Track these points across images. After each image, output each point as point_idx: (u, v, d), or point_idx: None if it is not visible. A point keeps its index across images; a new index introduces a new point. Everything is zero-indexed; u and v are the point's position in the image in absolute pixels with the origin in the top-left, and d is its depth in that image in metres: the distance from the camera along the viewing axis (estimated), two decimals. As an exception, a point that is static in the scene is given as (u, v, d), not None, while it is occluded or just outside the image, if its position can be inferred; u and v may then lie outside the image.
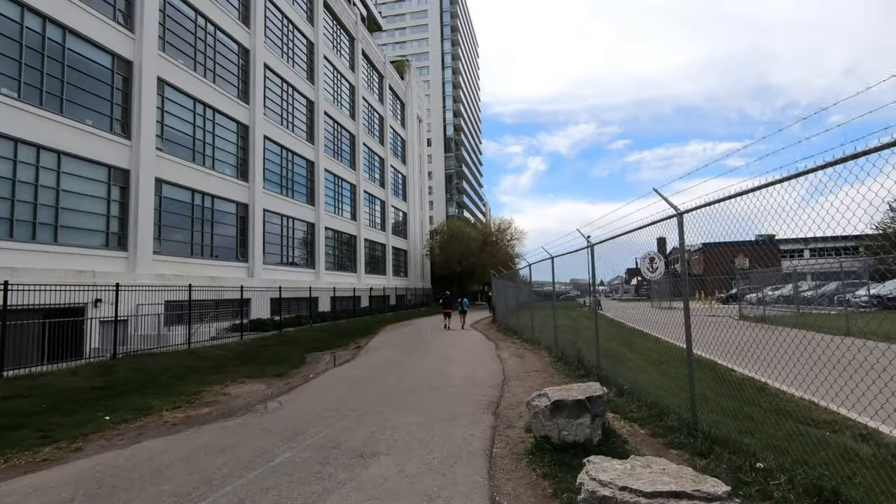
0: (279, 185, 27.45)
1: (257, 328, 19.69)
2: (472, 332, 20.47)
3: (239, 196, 23.50)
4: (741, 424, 5.30)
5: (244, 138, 24.28)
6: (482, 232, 56.62)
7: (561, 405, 4.71)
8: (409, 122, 52.64)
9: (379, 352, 14.25)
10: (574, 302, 26.68)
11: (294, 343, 15.94)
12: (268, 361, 12.09)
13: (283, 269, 27.16)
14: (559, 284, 21.84)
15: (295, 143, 29.00)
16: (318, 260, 30.87)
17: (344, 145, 36.63)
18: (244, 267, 23.68)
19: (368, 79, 42.64)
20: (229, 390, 8.70)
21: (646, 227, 5.87)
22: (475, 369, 10.50)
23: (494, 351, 13.76)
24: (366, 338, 18.50)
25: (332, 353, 14.45)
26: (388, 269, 44.14)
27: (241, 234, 23.85)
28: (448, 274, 53.62)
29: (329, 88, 34.28)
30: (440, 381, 9.13)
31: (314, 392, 8.45)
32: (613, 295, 56.18)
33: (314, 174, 31.24)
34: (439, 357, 12.72)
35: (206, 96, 21.36)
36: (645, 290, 56.38)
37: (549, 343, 12.99)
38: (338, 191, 35.16)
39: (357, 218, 37.79)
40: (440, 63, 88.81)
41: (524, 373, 9.84)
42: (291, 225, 28.65)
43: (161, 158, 18.54)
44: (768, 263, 27.43)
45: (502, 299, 24.79)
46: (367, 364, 11.88)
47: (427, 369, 10.66)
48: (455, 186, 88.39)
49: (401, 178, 50.04)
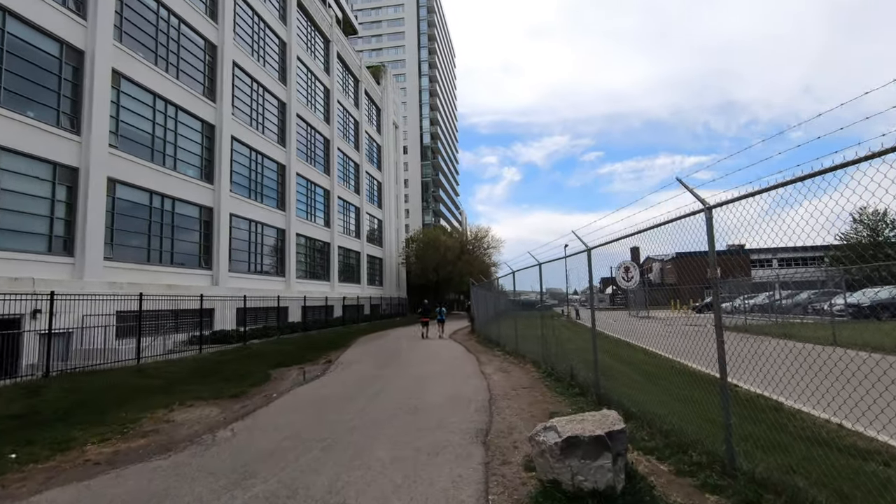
0: (248, 188, 26.08)
1: (220, 340, 18.28)
2: (450, 344, 19.47)
3: (203, 199, 22.08)
4: (781, 459, 4.47)
5: (210, 138, 22.92)
6: (459, 240, 55.82)
7: (575, 443, 3.77)
8: (386, 128, 51.66)
9: (352, 367, 13.12)
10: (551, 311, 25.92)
11: (258, 357, 14.67)
12: (226, 379, 10.85)
13: (251, 277, 25.72)
14: (537, 293, 21.12)
15: (265, 145, 27.70)
16: (289, 268, 29.47)
17: (318, 149, 35.40)
18: (208, 275, 22.22)
19: (344, 82, 41.58)
20: (175, 416, 7.50)
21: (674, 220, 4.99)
22: (457, 386, 9.52)
23: (476, 365, 12.79)
24: (338, 350, 17.31)
25: (300, 368, 13.26)
26: (363, 278, 42.84)
27: (206, 240, 22.40)
28: (424, 283, 52.55)
29: (302, 90, 33.10)
30: (419, 401, 8.11)
31: (274, 417, 7.33)
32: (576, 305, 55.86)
33: (286, 178, 29.93)
34: (417, 372, 11.69)
35: (168, 92, 20.00)
36: (620, 299, 56.48)
37: (535, 356, 12.10)
38: (311, 196, 33.86)
39: (331, 225, 36.50)
40: (417, 71, 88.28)
41: (512, 390, 8.90)
42: (261, 231, 27.25)
43: (115, 157, 17.10)
44: (740, 273, 27.34)
45: (482, 309, 23.90)
46: (338, 381, 10.76)
47: (404, 387, 9.62)
48: (431, 194, 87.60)
49: (376, 184, 48.92)
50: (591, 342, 8.09)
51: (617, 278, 8.66)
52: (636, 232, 5.84)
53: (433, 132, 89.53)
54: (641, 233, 5.76)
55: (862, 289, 20.13)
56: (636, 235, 6.54)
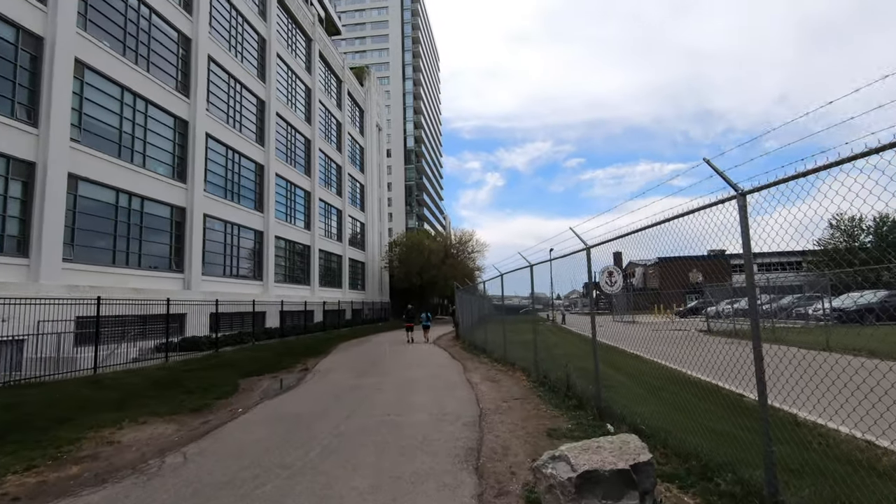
0: (223, 188, 25.02)
1: (190, 347, 17.23)
2: (435, 350, 18.69)
3: (175, 199, 21.00)
4: (823, 487, 3.83)
5: (183, 135, 21.86)
6: (443, 244, 55.05)
7: (593, 479, 3.06)
8: (369, 130, 50.82)
9: (329, 376, 12.27)
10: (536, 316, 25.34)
11: (229, 365, 13.71)
12: (189, 391, 9.92)
13: (226, 280, 24.63)
14: (518, 298, 20.46)
15: (243, 144, 26.67)
16: (268, 271, 28.41)
17: (298, 150, 34.42)
18: (180, 278, 21.12)
19: (326, 82, 40.68)
20: (122, 436, 6.60)
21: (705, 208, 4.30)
22: (443, 398, 8.76)
23: (463, 373, 12.04)
24: (316, 358, 16.40)
25: (273, 377, 12.36)
26: (345, 282, 41.84)
27: (177, 242, 21.30)
28: (408, 287, 51.63)
29: (282, 89, 32.13)
30: (401, 416, 7.34)
31: (237, 437, 6.48)
32: (573, 309, 55.83)
33: (264, 179, 28.90)
34: (400, 382, 10.89)
35: (138, 85, 18.95)
36: (604, 303, 56.49)
37: (526, 364, 11.41)
38: (290, 198, 32.85)
39: (311, 227, 35.48)
40: (401, 73, 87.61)
41: (503, 402, 8.17)
42: (237, 233, 26.18)
43: (77, 152, 16.02)
44: (721, 277, 27.22)
45: (467, 313, 23.18)
46: (313, 393, 9.91)
47: (385, 400, 8.82)
48: (415, 198, 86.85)
49: (359, 187, 48.00)
50: (585, 349, 7.47)
51: (601, 283, 8.04)
52: (656, 223, 5.15)
53: (417, 135, 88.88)
54: (661, 224, 5.08)
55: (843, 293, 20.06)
56: (634, 234, 5.92)
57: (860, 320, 19.10)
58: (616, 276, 8.17)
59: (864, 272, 16.15)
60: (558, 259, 9.29)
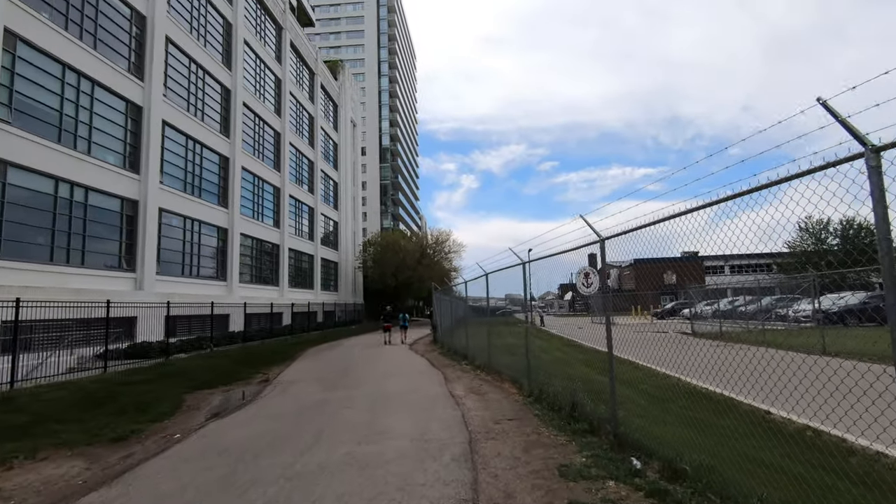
0: (183, 181, 23.14)
1: (138, 355, 15.46)
2: (411, 356, 17.33)
3: (126, 191, 19.12)
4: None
5: (136, 121, 19.97)
6: (419, 244, 53.66)
7: None
8: (343, 126, 49.09)
9: (292, 388, 10.79)
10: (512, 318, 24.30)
11: (178, 376, 12.09)
12: (121, 410, 8.34)
13: (185, 280, 22.76)
14: (495, 299, 19.18)
15: (205, 134, 24.81)
16: (232, 271, 26.56)
17: (267, 143, 32.58)
18: (131, 278, 19.23)
19: (298, 74, 38.88)
20: (6, 480, 5.06)
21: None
22: (424, 418, 7.43)
23: (444, 384, 10.73)
24: (280, 365, 14.85)
25: (226, 390, 10.82)
26: (317, 283, 40.04)
27: (129, 238, 19.41)
28: (382, 288, 50.05)
29: (250, 78, 30.28)
30: (373, 445, 5.99)
31: (157, 482, 5.01)
32: (548, 310, 55.30)
33: (229, 172, 27.04)
34: (373, 396, 9.51)
35: (83, 64, 17.06)
36: (580, 305, 56.04)
37: (515, 374, 10.17)
38: (258, 193, 30.99)
39: (281, 225, 33.66)
40: (376, 70, 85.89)
41: (495, 424, 6.89)
42: (198, 229, 24.30)
43: (5, 133, 14.13)
44: (695, 279, 26.68)
45: (446, 316, 21.88)
46: (270, 411, 8.45)
47: (355, 420, 7.45)
48: (391, 198, 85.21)
49: (332, 184, 46.23)
50: (576, 356, 6.31)
51: (577, 284, 7.92)
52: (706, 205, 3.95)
53: (393, 133, 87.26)
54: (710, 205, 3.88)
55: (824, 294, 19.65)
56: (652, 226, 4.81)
57: (843, 322, 18.60)
58: (592, 277, 7.98)
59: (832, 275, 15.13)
60: (556, 255, 8.09)
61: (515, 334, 19.18)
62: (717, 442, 5.53)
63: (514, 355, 13.59)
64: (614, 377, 5.76)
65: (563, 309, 62.69)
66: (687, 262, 24.72)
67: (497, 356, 11.93)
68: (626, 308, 34.42)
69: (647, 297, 33.36)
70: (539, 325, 36.04)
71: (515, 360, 11.83)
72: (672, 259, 6.83)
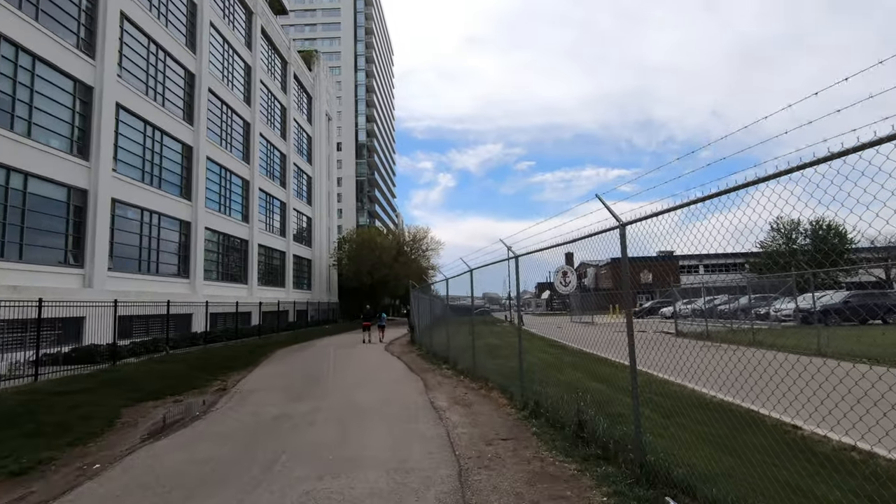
0: (141, 170, 21.41)
1: (81, 360, 13.88)
2: (388, 359, 16.14)
3: (74, 179, 17.41)
4: None
5: (86, 103, 18.23)
6: (395, 241, 52.33)
7: None
8: (317, 119, 47.40)
9: (251, 398, 9.50)
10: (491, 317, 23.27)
11: (122, 384, 10.65)
12: (38, 430, 6.95)
13: (142, 278, 21.06)
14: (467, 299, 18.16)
15: (166, 120, 23.08)
16: (195, 268, 24.87)
17: (236, 133, 30.85)
18: (78, 274, 17.53)
19: (269, 62, 37.14)
20: None
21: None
22: (402, 438, 6.29)
23: (424, 392, 9.59)
24: (242, 371, 13.48)
25: (175, 401, 9.47)
26: (289, 281, 38.39)
27: (76, 231, 17.70)
28: (357, 286, 48.58)
29: (217, 63, 28.54)
30: (342, 479, 4.81)
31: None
32: (526, 309, 54.71)
33: (193, 162, 25.32)
34: (343, 408, 8.32)
35: (19, 35, 15.32)
36: (557, 303, 55.73)
37: (504, 381, 9.09)
38: (226, 186, 29.27)
39: (250, 220, 31.96)
40: (353, 64, 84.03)
41: (486, 445, 5.79)
42: (157, 222, 22.58)
43: (-76, 108, 12.41)
44: (670, 278, 26.36)
45: (424, 315, 20.72)
46: (221, 428, 7.19)
47: (320, 441, 6.26)
48: (367, 194, 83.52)
49: (306, 178, 44.54)
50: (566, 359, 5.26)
51: (555, 283, 7.77)
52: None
53: (369, 129, 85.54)
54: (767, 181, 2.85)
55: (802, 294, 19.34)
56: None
57: (824, 321, 18.14)
58: (570, 275, 7.83)
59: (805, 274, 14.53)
60: (553, 248, 7.03)
61: (498, 334, 18.12)
62: (759, 472, 4.62)
63: (499, 358, 12.55)
64: (637, 393, 4.70)
65: (540, 308, 62.26)
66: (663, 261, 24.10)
67: (483, 360, 10.85)
68: (603, 307, 33.94)
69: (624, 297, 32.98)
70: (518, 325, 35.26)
71: (504, 366, 10.78)
72: (649, 258, 6.92)
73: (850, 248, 44.01)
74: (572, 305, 30.21)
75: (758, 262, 31.18)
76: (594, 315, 26.61)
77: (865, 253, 41.34)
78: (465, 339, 12.79)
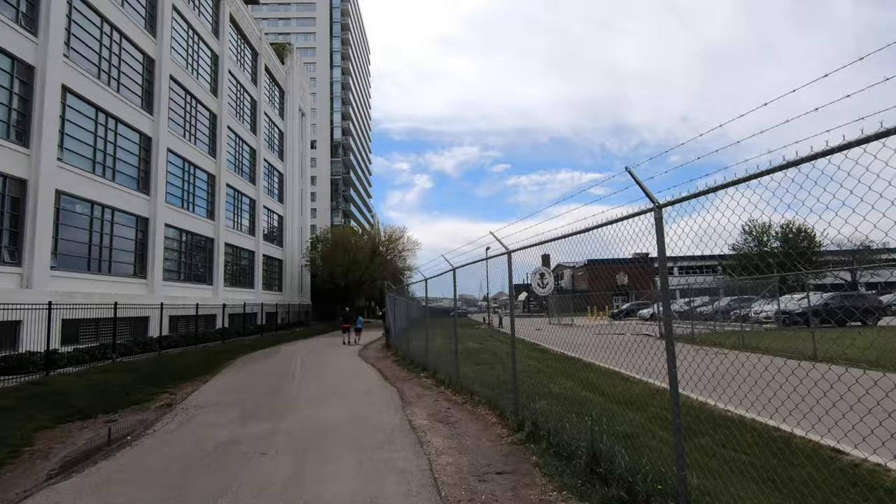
0: (91, 160, 19.64)
1: (11, 369, 12.23)
2: (361, 366, 14.86)
3: (10, 167, 15.65)
4: None
5: (26, 84, 16.49)
6: (371, 241, 50.85)
7: None
8: (290, 114, 45.66)
9: (199, 417, 8.15)
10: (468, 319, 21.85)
11: (49, 400, 9.15)
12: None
13: (92, 277, 19.29)
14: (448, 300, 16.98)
15: (121, 107, 21.30)
16: (153, 267, 23.10)
17: (201, 124, 29.06)
18: (15, 273, 15.77)
19: (239, 52, 35.37)
20: None
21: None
22: (375, 474, 5.09)
23: (401, 408, 8.40)
24: (196, 381, 12.04)
25: (107, 421, 8.05)
26: (258, 282, 36.60)
27: (12, 225, 15.95)
28: (332, 288, 46.97)
29: (180, 49, 26.77)
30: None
31: None
32: (502, 311, 53.91)
33: (152, 154, 23.55)
34: (304, 431, 7.07)
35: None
36: (534, 305, 55.05)
37: (493, 394, 7.96)
38: (189, 180, 27.49)
39: (216, 217, 30.18)
40: (328, 61, 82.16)
41: (479, 482, 4.66)
42: (111, 217, 20.79)
43: None
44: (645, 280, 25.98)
45: (401, 318, 19.48)
46: (150, 461, 5.86)
47: (273, 478, 5.03)
48: (342, 194, 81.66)
49: (277, 175, 42.76)
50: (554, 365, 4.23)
51: (532, 285, 7.58)
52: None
53: (345, 127, 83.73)
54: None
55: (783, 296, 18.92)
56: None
57: (805, 322, 17.63)
58: (547, 277, 7.64)
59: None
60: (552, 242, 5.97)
61: (478, 337, 16.96)
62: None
63: (483, 365, 11.42)
64: (681, 427, 3.63)
65: (517, 309, 61.50)
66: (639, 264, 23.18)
67: (467, 368, 9.71)
68: (581, 309, 33.13)
69: (602, 299, 32.59)
70: (498, 327, 34.25)
71: (489, 374, 9.68)
72: (624, 260, 7.08)
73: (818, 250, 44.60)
74: (551, 307, 29.44)
75: (730, 264, 31.14)
76: (565, 317, 25.87)
77: (832, 256, 41.88)
78: (445, 343, 11.65)
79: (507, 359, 10.83)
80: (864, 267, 28.05)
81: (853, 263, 36.77)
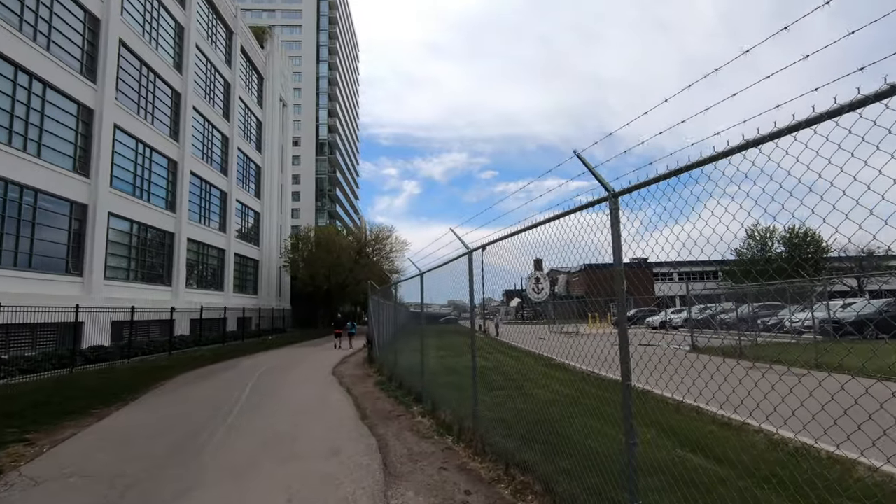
0: (7, 129, 15.96)
1: None
2: (334, 392, 11.29)
3: None
4: None
5: None
6: (357, 241, 47.22)
7: None
8: (270, 103, 42.05)
9: (44, 491, 4.61)
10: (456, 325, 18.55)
11: None
12: None
13: (15, 274, 15.55)
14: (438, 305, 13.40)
15: (53, 70, 17.65)
16: (92, 264, 19.35)
17: (160, 102, 25.39)
18: None
19: (210, 28, 31.76)
20: None
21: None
22: None
23: (382, 489, 4.92)
24: (86, 418, 8.39)
25: None
26: (228, 284, 32.82)
27: None
28: (313, 291, 43.22)
29: (135, 13, 23.14)
30: None
31: None
32: (495, 317, 50.71)
33: (93, 130, 19.86)
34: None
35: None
36: (528, 312, 51.93)
37: (545, 463, 4.53)
38: (143, 164, 23.76)
39: (178, 209, 26.45)
40: (315, 55, 78.54)
41: None
42: (33, 201, 17.08)
43: None
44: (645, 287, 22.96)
45: (388, 325, 15.94)
46: None
47: None
48: (327, 194, 77.81)
49: (253, 167, 39.07)
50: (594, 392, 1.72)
51: (527, 290, 6.74)
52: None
53: (331, 124, 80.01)
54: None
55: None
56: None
57: (859, 333, 14.44)
58: (543, 282, 6.91)
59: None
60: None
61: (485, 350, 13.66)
62: None
63: (506, 392, 7.93)
64: None
65: (509, 316, 58.30)
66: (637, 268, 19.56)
67: (502, 409, 6.26)
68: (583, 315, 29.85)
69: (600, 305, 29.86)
70: (494, 335, 30.82)
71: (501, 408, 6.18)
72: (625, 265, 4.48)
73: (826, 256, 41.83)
74: (549, 313, 26.28)
75: (731, 269, 28.46)
76: (566, 324, 22.68)
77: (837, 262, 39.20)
78: (447, 361, 8.16)
79: (530, 386, 7.54)
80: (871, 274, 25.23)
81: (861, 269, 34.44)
